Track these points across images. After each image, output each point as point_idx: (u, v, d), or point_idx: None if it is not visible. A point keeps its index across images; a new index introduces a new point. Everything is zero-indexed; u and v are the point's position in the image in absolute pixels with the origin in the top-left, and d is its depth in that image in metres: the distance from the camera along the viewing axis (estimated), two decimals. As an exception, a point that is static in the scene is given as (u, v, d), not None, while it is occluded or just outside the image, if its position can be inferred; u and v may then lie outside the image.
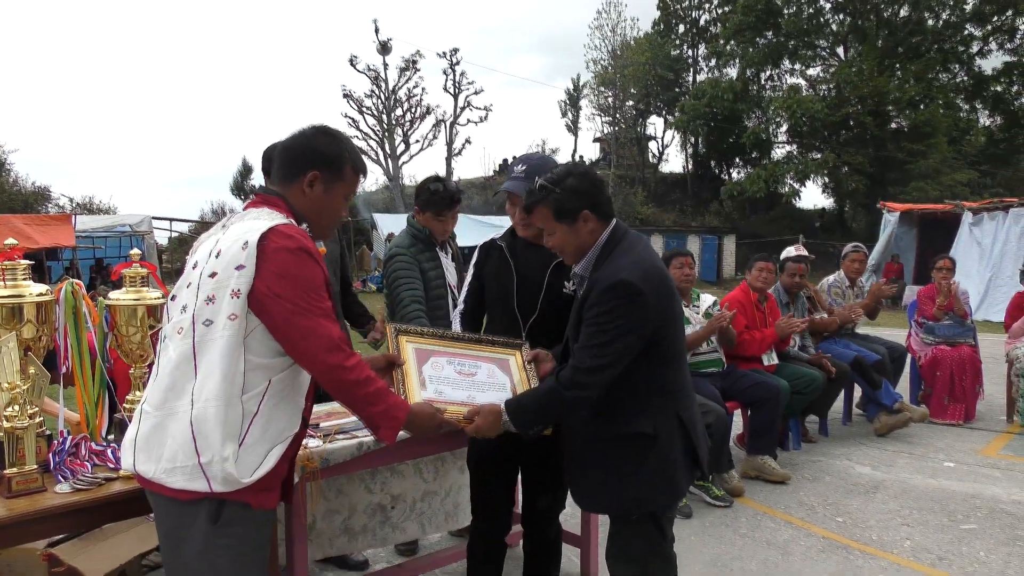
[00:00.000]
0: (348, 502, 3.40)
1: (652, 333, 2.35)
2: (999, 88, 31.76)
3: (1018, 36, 30.78)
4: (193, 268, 2.02)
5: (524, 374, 2.72)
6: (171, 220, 25.94)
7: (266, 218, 2.00)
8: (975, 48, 31.68)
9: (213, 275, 1.94)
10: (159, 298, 2.64)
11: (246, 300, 1.91)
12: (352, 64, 33.14)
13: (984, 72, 31.77)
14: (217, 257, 1.96)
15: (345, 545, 3.43)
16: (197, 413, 1.90)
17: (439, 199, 3.86)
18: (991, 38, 31.25)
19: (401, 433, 2.87)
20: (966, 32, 31.15)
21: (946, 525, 4.44)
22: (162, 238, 24.23)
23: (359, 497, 3.43)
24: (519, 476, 3.03)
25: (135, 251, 2.73)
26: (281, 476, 2.08)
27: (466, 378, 2.63)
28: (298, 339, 1.95)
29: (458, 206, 4.00)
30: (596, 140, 42.85)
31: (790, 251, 6.39)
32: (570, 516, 4.49)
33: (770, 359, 5.55)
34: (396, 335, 2.64)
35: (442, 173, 26.66)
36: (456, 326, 3.07)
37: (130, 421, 2.63)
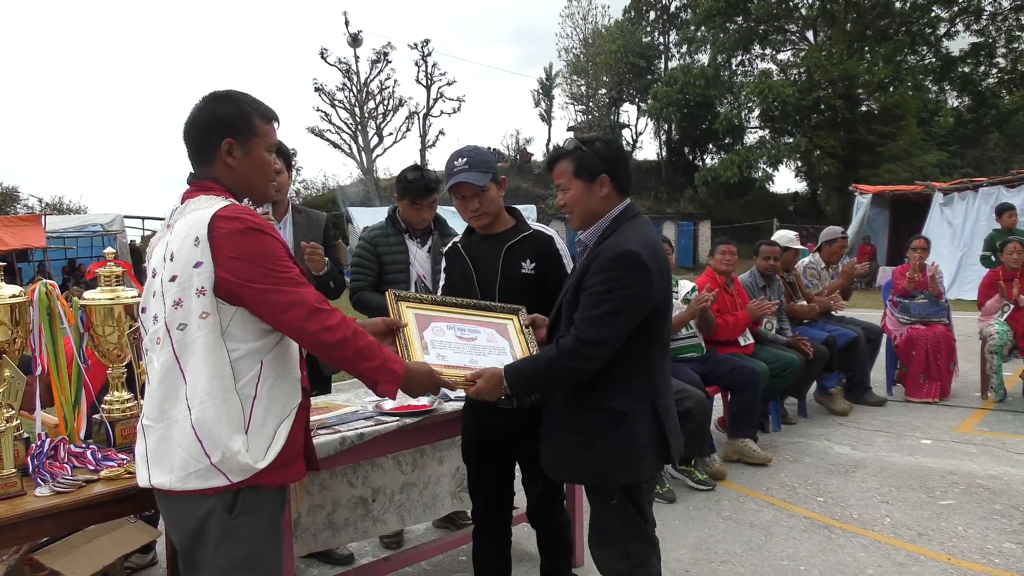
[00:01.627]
0: (331, 497, 3.39)
1: (649, 312, 2.39)
2: (966, 69, 32.13)
3: (984, 17, 31.13)
4: (153, 276, 2.00)
5: (523, 338, 2.73)
6: (143, 219, 25.65)
7: (206, 206, 1.96)
8: (942, 29, 31.99)
9: (174, 279, 1.92)
10: (135, 297, 2.61)
11: (213, 294, 1.90)
12: (323, 57, 32.96)
13: (951, 53, 32.09)
14: (172, 260, 1.94)
15: (329, 540, 3.43)
16: (197, 416, 1.89)
17: (415, 187, 3.89)
18: (958, 19, 31.56)
19: (382, 427, 2.89)
20: (933, 14, 31.42)
21: (925, 501, 4.50)
22: (134, 237, 23.92)
23: (342, 491, 3.42)
24: (516, 465, 3.07)
25: (109, 250, 2.70)
26: (299, 447, 2.10)
27: (467, 342, 2.63)
28: (277, 315, 1.94)
29: (435, 195, 4.02)
30: (570, 129, 42.81)
31: (793, 240, 6.49)
32: (554, 504, 4.50)
33: (746, 339, 5.59)
34: (396, 301, 2.62)
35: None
36: None
37: (108, 422, 2.63)
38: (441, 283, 3.17)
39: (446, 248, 3.14)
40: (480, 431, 2.97)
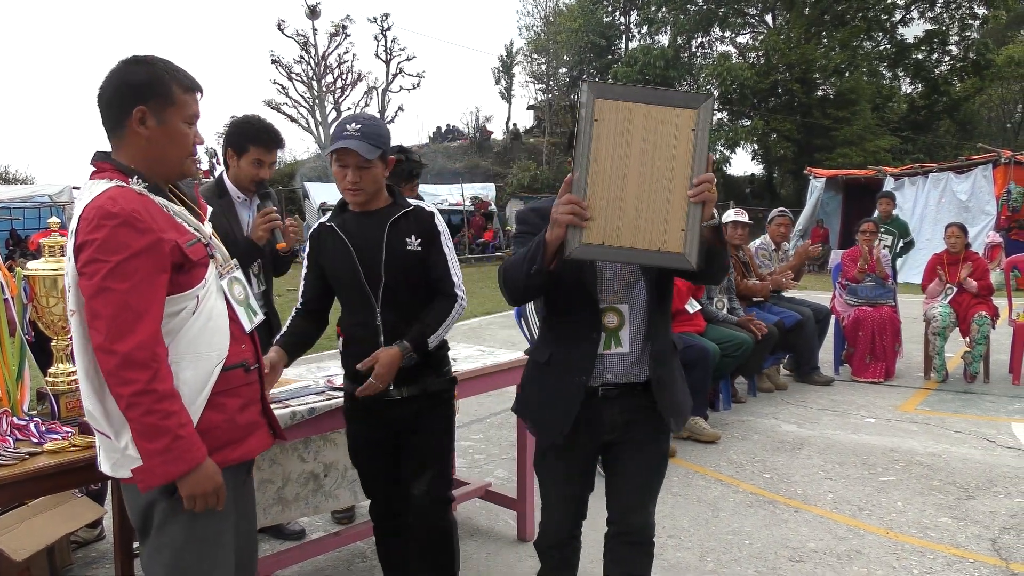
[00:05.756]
0: (282, 472, 3.38)
1: None
2: (920, 56, 32.61)
3: (938, 5, 31.61)
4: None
5: None
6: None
7: (87, 195, 1.86)
8: (897, 16, 32.42)
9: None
10: (80, 268, 2.56)
11: (78, 289, 1.83)
12: (280, 29, 32.39)
13: (906, 40, 32.55)
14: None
15: (279, 515, 3.42)
16: (87, 411, 1.89)
17: (399, 171, 3.75)
18: (913, 6, 32.00)
19: (333, 401, 2.88)
20: (889, 1, 31.82)
21: (866, 477, 4.63)
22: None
23: (292, 466, 3.42)
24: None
25: (54, 219, 2.64)
26: (243, 426, 2.05)
27: None
28: (88, 320, 1.80)
29: (416, 180, 3.96)
30: (530, 107, 42.77)
31: (729, 214, 6.56)
32: (506, 480, 4.55)
33: (692, 307, 5.66)
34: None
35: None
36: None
37: (53, 395, 2.59)
38: (303, 272, 2.84)
39: (311, 231, 2.84)
40: (366, 429, 2.78)
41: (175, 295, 1.89)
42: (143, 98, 1.90)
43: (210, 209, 2.23)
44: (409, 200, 2.76)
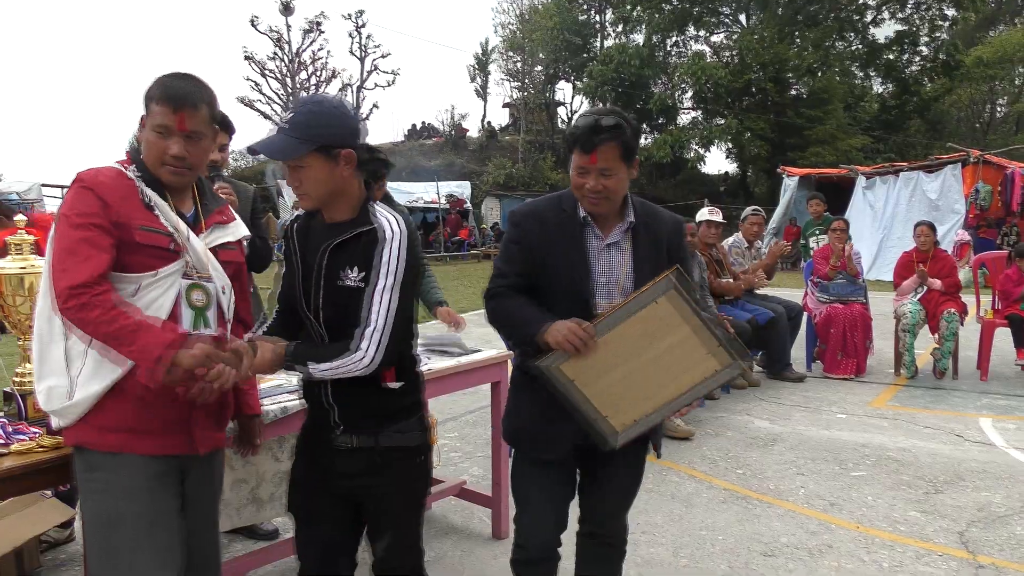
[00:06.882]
0: (256, 471, 3.36)
1: None
2: (891, 56, 33.01)
3: (908, 6, 32.00)
4: None
5: None
6: (63, 188, 24.72)
7: None
8: (869, 17, 32.78)
9: None
10: (48, 266, 2.53)
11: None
12: (253, 25, 32.12)
13: (877, 40, 32.93)
14: None
15: (253, 515, 3.40)
16: (32, 349, 2.07)
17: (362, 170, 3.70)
18: (884, 7, 32.38)
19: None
20: (861, 1, 32.16)
21: (837, 473, 4.68)
22: (53, 206, 23.06)
23: (267, 466, 3.40)
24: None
25: (20, 217, 2.61)
26: (161, 421, 2.04)
27: None
28: (51, 269, 1.96)
29: (382, 180, 3.94)
30: (505, 105, 42.78)
31: (703, 213, 6.60)
32: (481, 478, 4.55)
33: None
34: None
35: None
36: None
37: (19, 395, 2.55)
38: (282, 270, 2.32)
39: (282, 225, 2.41)
40: (313, 473, 2.27)
41: (116, 273, 1.99)
42: (145, 107, 2.10)
43: (238, 222, 2.38)
44: (380, 213, 2.13)
